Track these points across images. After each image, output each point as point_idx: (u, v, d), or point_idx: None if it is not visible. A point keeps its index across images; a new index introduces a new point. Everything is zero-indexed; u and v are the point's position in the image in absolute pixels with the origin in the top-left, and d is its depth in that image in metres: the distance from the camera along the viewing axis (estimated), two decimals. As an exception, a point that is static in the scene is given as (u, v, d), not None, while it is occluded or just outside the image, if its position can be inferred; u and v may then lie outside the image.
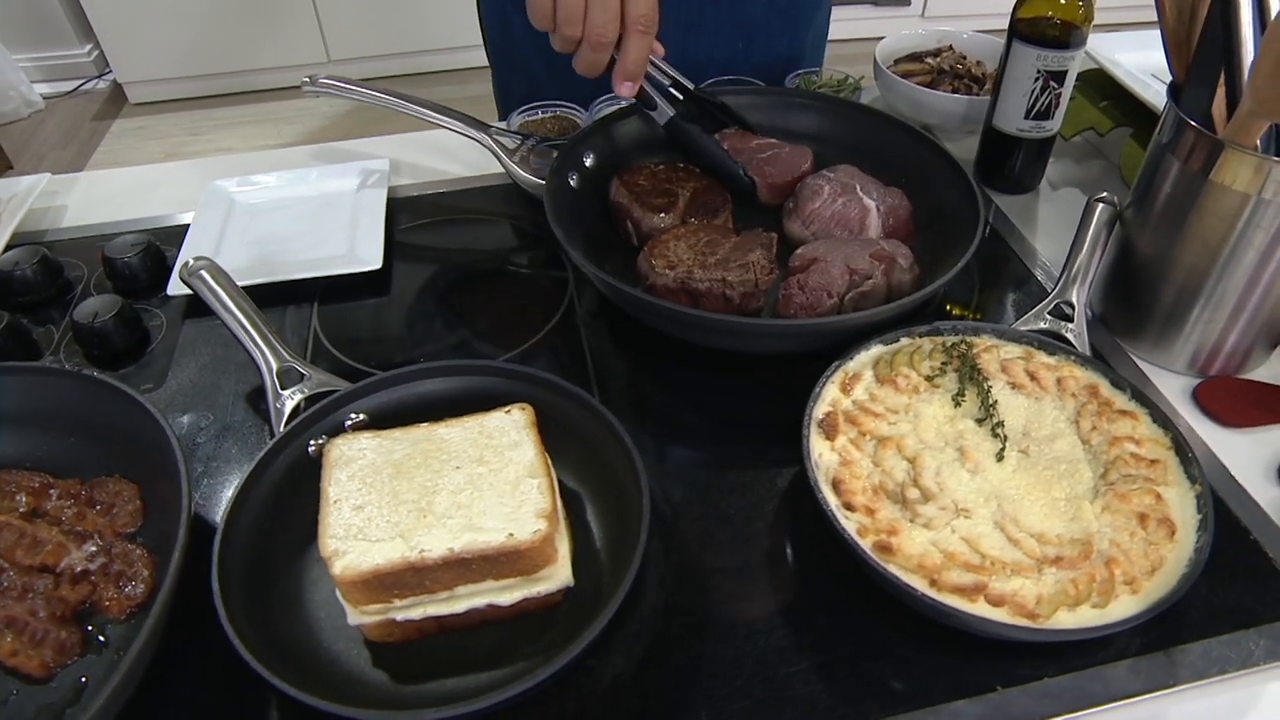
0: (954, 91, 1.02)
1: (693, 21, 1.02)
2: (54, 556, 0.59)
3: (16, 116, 3.13)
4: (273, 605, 0.55)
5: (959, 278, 0.84)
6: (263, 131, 3.17)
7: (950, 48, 1.09)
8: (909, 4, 3.72)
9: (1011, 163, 0.94)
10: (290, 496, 0.59)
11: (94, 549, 0.59)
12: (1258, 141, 0.63)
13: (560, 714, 0.52)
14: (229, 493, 0.59)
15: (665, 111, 0.84)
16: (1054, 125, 0.90)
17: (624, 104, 0.91)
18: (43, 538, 0.60)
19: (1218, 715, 0.53)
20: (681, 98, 0.88)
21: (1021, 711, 0.52)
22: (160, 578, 0.58)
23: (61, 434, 0.65)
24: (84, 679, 0.54)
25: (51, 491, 0.63)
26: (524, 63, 1.10)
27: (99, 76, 3.33)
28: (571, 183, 0.85)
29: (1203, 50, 0.66)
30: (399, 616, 0.53)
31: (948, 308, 0.82)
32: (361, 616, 0.53)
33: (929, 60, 1.06)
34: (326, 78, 0.88)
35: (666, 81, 0.87)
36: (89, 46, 3.29)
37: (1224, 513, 0.63)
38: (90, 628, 0.56)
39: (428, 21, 3.26)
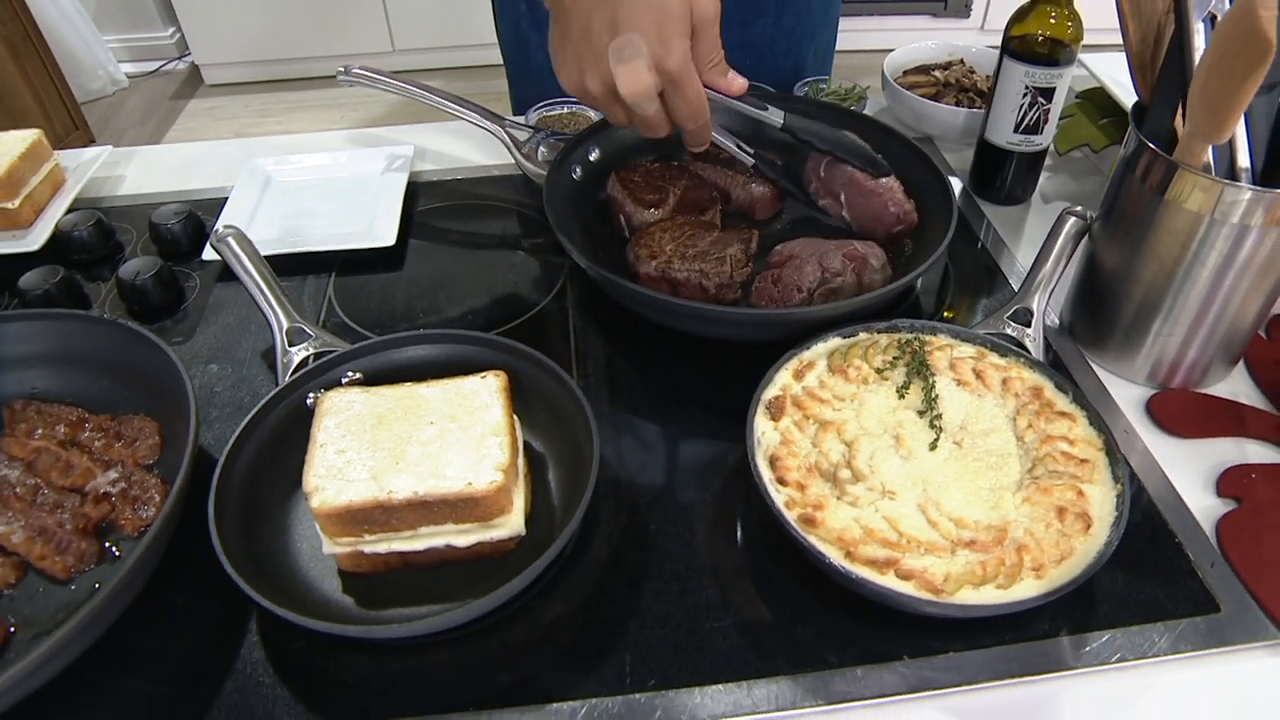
0: (957, 104, 1.05)
1: None
2: (83, 479, 0.67)
3: (102, 94, 3.34)
4: (261, 533, 0.63)
5: (937, 283, 0.88)
6: (327, 116, 3.31)
7: (961, 61, 1.12)
8: (969, 15, 3.70)
9: (1003, 175, 0.96)
10: (287, 440, 0.66)
11: (116, 475, 0.67)
12: (1208, 160, 0.65)
13: (503, 646, 0.58)
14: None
15: (775, 115, 0.81)
16: (1043, 140, 0.92)
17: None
18: (75, 463, 0.68)
19: (1112, 699, 0.56)
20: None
21: (924, 680, 0.56)
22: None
23: (99, 375, 0.74)
24: (97, 584, 0.62)
25: (86, 424, 0.71)
26: (539, 76, 1.16)
27: (179, 58, 3.53)
28: (575, 175, 0.91)
29: (1166, 72, 0.69)
30: (367, 549, 0.60)
31: (946, 314, 0.85)
32: (335, 547, 0.60)
33: (935, 73, 1.09)
34: (359, 68, 0.96)
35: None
36: (171, 29, 3.48)
37: (1154, 515, 0.66)
38: (108, 543, 0.64)
39: (491, 15, 3.36)
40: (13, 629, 0.59)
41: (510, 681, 0.56)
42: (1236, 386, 0.77)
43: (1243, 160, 0.66)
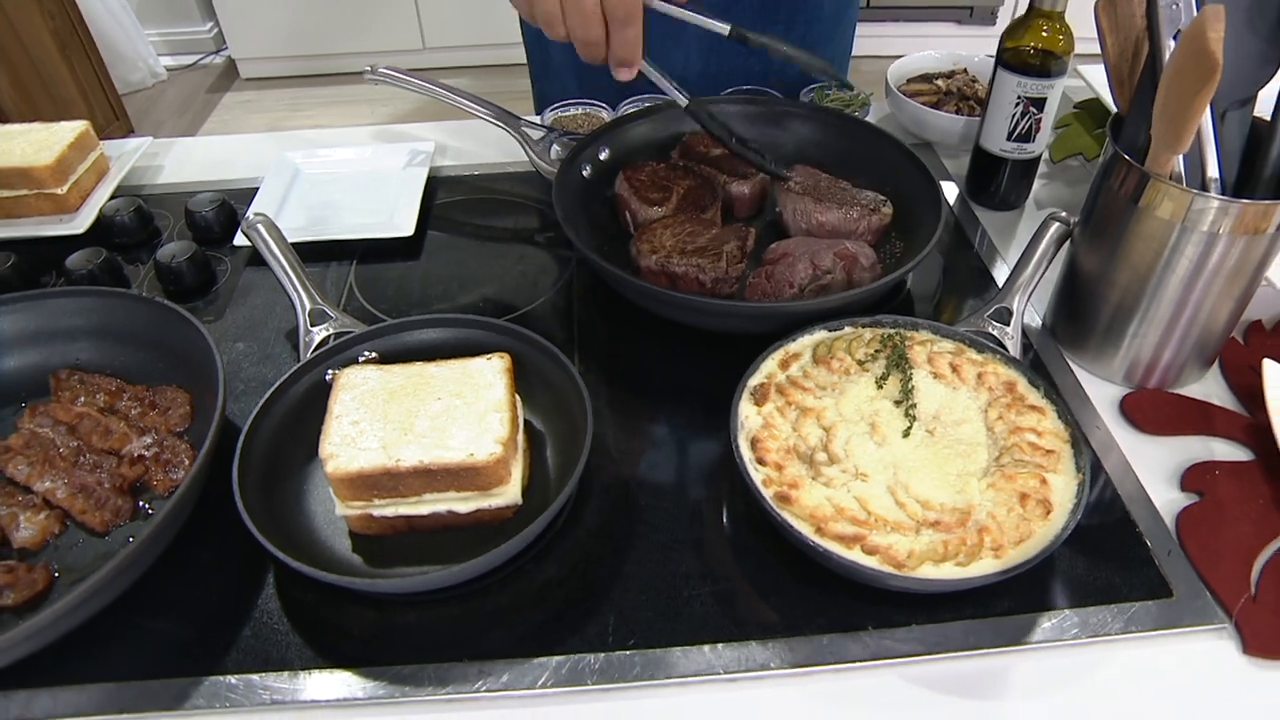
0: (957, 112, 1.08)
1: (713, 47, 1.12)
2: (120, 443, 0.73)
3: (142, 85, 3.45)
4: (280, 495, 0.68)
5: (932, 283, 0.92)
6: (357, 110, 3.39)
7: (964, 70, 1.16)
8: (994, 23, 3.70)
9: (997, 181, 1.00)
10: (306, 412, 0.72)
11: (150, 441, 0.73)
12: (1179, 171, 0.69)
13: (497, 605, 0.63)
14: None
15: (680, 98, 0.86)
16: (1035, 148, 0.96)
17: (645, 105, 1.02)
18: (113, 428, 0.74)
19: (1064, 673, 0.60)
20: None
21: (886, 650, 0.60)
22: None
23: (137, 349, 0.80)
24: (131, 537, 0.67)
25: (124, 393, 0.77)
26: (558, 73, 1.22)
27: (216, 52, 3.63)
28: (584, 173, 0.96)
29: (1142, 85, 0.72)
30: (376, 513, 0.65)
31: (944, 316, 0.89)
32: (347, 510, 0.65)
33: (938, 81, 1.12)
34: (385, 68, 1.02)
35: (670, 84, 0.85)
36: (210, 24, 3.59)
37: (1118, 506, 0.70)
38: (141, 501, 0.70)
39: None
40: (56, 574, 0.65)
41: (502, 637, 0.61)
42: (1210, 388, 0.80)
43: (1211, 171, 0.69)
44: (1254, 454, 0.74)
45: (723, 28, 0.84)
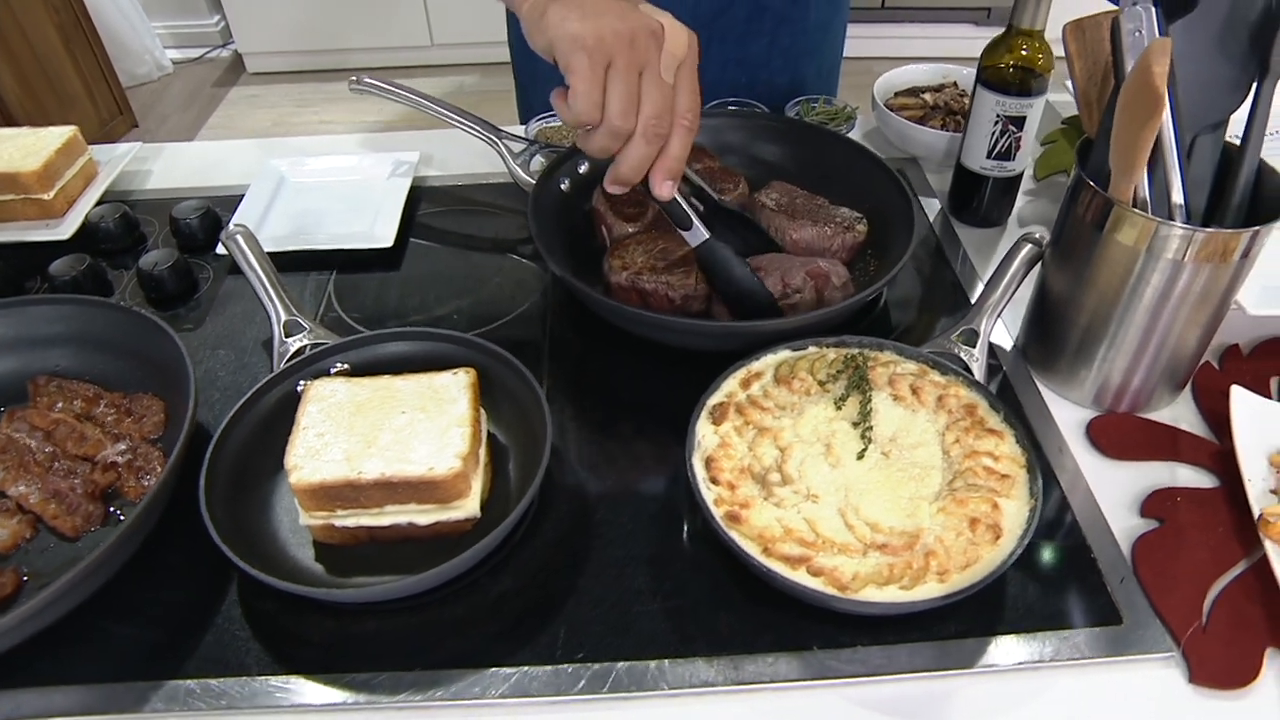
0: (943, 127, 1.08)
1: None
2: (94, 449, 0.74)
3: (148, 79, 3.48)
4: (247, 503, 0.69)
5: (904, 300, 0.93)
6: (364, 107, 3.40)
7: (954, 84, 1.16)
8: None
9: (979, 198, 1.00)
10: (276, 423, 0.73)
11: (124, 447, 0.74)
12: (1144, 196, 0.69)
13: (453, 616, 0.64)
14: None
15: (700, 233, 0.79)
16: (1015, 166, 0.96)
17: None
18: (88, 435, 0.75)
19: (1006, 698, 0.60)
20: (702, 207, 0.82)
21: (830, 670, 0.61)
22: (168, 474, 0.73)
23: (115, 356, 0.81)
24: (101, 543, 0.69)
25: (101, 400, 0.79)
26: (544, 85, 1.22)
27: (223, 46, 3.66)
28: (563, 187, 0.96)
29: (1110, 109, 0.72)
30: (338, 523, 0.66)
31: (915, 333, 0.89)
32: (310, 519, 0.67)
33: (925, 95, 1.12)
34: (369, 78, 1.03)
35: (687, 189, 0.81)
36: (217, 17, 3.61)
37: (1075, 532, 0.70)
38: (113, 507, 0.72)
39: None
40: (25, 578, 0.66)
41: (457, 647, 0.62)
42: (1180, 412, 0.80)
43: (1176, 198, 0.69)
44: (1219, 480, 0.74)
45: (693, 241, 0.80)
